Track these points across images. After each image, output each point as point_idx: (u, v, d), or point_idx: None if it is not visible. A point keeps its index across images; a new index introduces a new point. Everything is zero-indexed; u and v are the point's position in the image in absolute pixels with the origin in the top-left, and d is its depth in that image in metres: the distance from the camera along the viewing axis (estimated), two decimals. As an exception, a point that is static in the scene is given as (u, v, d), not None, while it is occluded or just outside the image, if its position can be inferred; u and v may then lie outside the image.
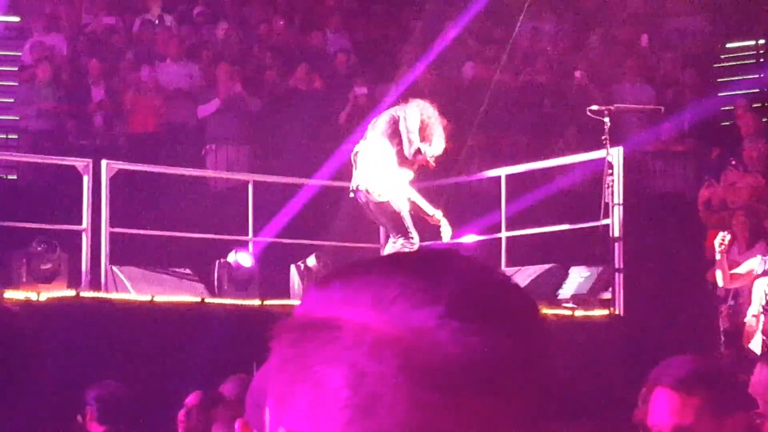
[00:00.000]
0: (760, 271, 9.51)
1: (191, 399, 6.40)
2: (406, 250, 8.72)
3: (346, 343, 0.96)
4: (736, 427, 2.71)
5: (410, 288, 0.98)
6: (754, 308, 9.47)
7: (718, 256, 9.33)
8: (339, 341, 0.97)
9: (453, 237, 10.25)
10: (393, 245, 8.88)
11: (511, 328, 0.98)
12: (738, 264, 9.78)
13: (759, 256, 9.81)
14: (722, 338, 10.34)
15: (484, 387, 0.95)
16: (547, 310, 9.55)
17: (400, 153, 8.81)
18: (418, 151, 8.69)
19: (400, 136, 8.76)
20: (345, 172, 9.34)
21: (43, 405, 6.74)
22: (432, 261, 1.01)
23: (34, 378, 6.75)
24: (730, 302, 10.19)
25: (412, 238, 8.78)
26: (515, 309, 1.00)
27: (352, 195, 8.87)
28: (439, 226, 9.03)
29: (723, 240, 9.26)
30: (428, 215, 8.98)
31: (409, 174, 8.88)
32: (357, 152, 8.87)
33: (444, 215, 9.09)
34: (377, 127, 8.85)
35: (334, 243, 11.08)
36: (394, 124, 8.77)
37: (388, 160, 8.75)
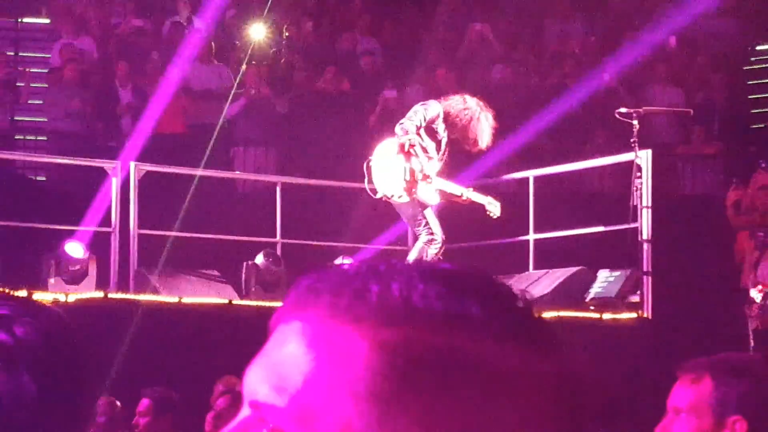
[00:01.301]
0: None
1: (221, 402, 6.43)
2: (430, 249, 8.75)
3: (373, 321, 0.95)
4: None
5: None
6: None
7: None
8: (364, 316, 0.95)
9: (479, 239, 10.24)
10: (418, 244, 8.92)
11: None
12: None
13: None
14: (752, 340, 10.28)
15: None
16: (574, 313, 9.53)
17: (424, 151, 8.85)
18: (406, 131, 8.70)
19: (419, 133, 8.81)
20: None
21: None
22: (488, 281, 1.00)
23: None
24: (761, 302, 10.13)
25: (433, 235, 8.81)
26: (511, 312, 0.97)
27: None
28: (478, 204, 9.05)
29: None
30: (456, 197, 9.00)
31: (433, 168, 8.89)
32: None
33: (471, 219, 9.08)
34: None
35: (361, 245, 11.07)
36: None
37: (396, 159, 8.78)
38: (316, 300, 0.97)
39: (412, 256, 8.95)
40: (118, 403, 6.73)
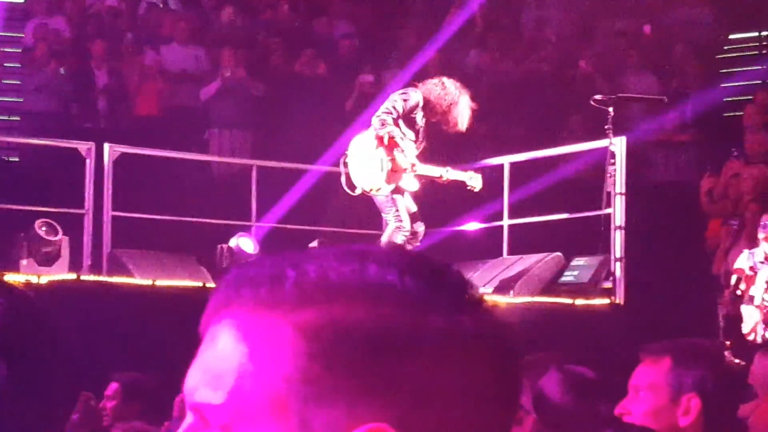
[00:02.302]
0: (747, 268, 9.57)
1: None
2: (398, 236, 8.79)
3: (296, 305, 0.98)
4: None
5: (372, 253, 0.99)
6: (758, 299, 9.50)
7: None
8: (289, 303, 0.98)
9: (454, 225, 10.28)
10: (387, 230, 8.96)
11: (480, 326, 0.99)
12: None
13: (746, 251, 9.87)
14: (722, 325, 10.36)
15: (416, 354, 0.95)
16: (547, 299, 9.57)
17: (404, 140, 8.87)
18: (383, 123, 8.73)
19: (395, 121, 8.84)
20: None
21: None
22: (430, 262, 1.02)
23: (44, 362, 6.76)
24: (732, 288, 10.21)
25: (401, 223, 8.84)
26: (483, 311, 1.01)
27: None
28: (459, 182, 9.11)
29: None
30: (437, 178, 9.05)
31: (413, 155, 8.91)
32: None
33: (446, 204, 9.11)
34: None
35: (337, 229, 11.08)
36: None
37: (375, 153, 8.80)
38: (238, 295, 0.99)
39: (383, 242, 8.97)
40: (92, 402, 6.70)
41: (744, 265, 9.75)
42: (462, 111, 8.90)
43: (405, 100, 8.84)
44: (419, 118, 8.90)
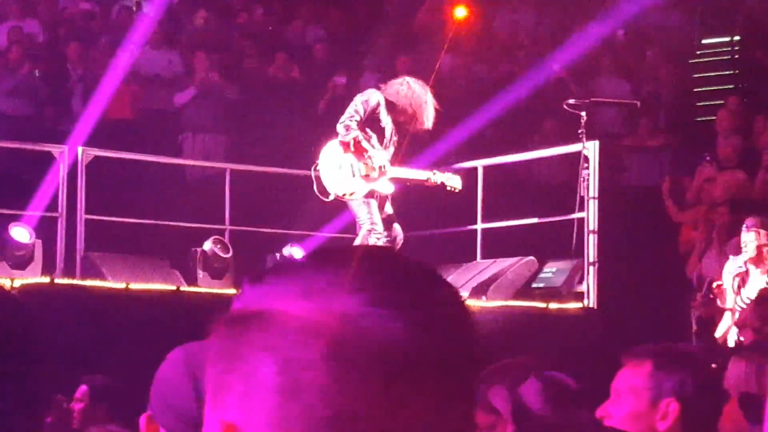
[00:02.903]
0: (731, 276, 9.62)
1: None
2: (370, 238, 8.83)
3: (275, 332, 1.00)
4: None
5: (339, 278, 1.02)
6: (729, 302, 9.56)
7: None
8: (268, 331, 1.01)
9: (427, 229, 10.29)
10: (361, 233, 8.99)
11: (434, 318, 1.02)
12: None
13: (731, 258, 9.91)
14: (695, 328, 10.41)
15: (406, 373, 0.99)
16: (521, 303, 9.60)
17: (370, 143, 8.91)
18: (348, 128, 8.78)
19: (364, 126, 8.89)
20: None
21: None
22: (362, 254, 1.06)
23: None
24: (705, 291, 10.26)
25: (374, 225, 8.87)
26: (440, 300, 1.04)
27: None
28: (442, 186, 9.17)
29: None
30: (424, 181, 9.11)
31: (384, 157, 8.94)
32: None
33: (418, 208, 9.15)
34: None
35: (310, 232, 11.08)
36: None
37: (344, 158, 8.85)
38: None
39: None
40: (65, 405, 6.70)
41: (730, 272, 9.75)
42: (429, 110, 8.96)
43: (365, 101, 8.91)
44: (384, 118, 8.95)
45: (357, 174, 8.86)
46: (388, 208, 9.08)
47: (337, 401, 0.98)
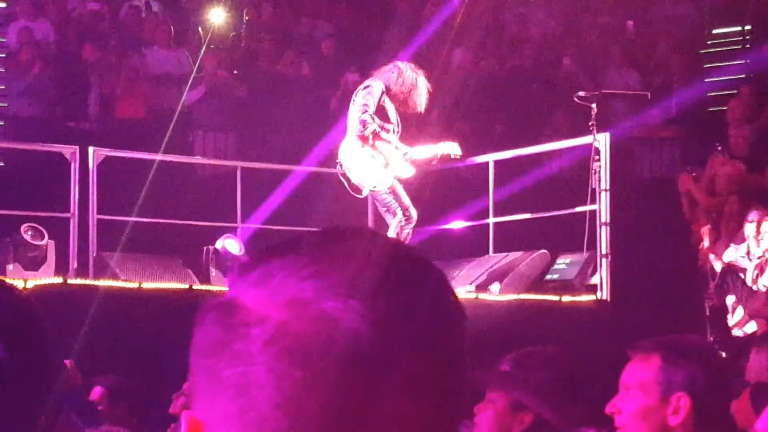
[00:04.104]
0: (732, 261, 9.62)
1: (188, 386, 6.45)
2: (406, 230, 8.85)
3: (230, 324, 0.97)
4: None
5: (297, 264, 0.97)
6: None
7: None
8: (226, 323, 0.97)
9: (439, 224, 10.30)
10: (393, 227, 9.01)
11: (397, 307, 0.96)
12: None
13: (732, 246, 9.91)
14: (708, 318, 10.39)
15: (354, 367, 0.93)
16: (534, 296, 9.59)
17: (386, 131, 8.94)
18: (364, 123, 8.79)
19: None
20: (333, 157, 9.38)
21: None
22: (335, 238, 1.01)
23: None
24: (717, 280, 10.25)
25: (407, 214, 8.90)
26: (411, 289, 0.97)
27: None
28: (448, 156, 9.20)
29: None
30: (431, 157, 9.13)
31: (396, 142, 8.98)
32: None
33: (431, 202, 9.15)
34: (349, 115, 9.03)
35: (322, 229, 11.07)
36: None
37: (364, 152, 8.86)
38: None
39: None
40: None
41: (730, 258, 9.79)
42: (422, 93, 8.98)
43: (369, 93, 8.93)
44: (388, 105, 8.99)
45: (380, 165, 8.90)
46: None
47: (279, 394, 0.93)
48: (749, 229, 9.94)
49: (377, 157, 8.91)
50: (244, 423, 0.94)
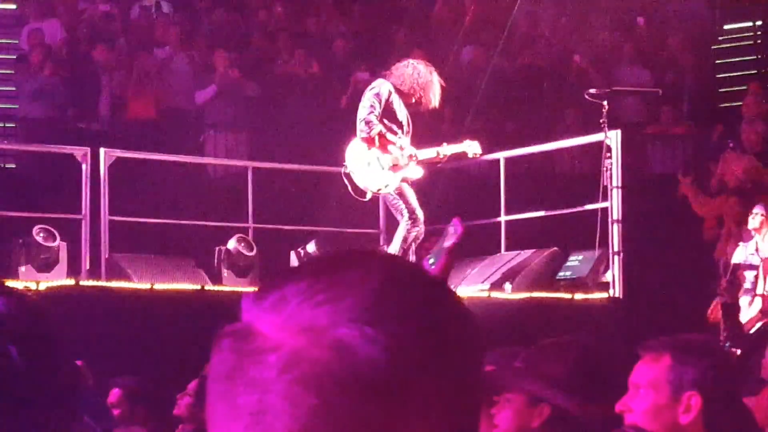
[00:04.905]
0: (743, 260, 9.59)
1: (192, 385, 6.43)
2: (413, 232, 8.85)
3: (245, 351, 0.95)
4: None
5: (311, 289, 0.96)
6: (760, 287, 9.55)
7: None
8: (241, 350, 0.96)
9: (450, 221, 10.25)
10: (400, 230, 9.02)
11: (415, 331, 0.95)
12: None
13: (741, 245, 9.89)
14: (721, 314, 10.36)
15: (369, 394, 0.93)
16: (546, 294, 9.57)
17: (393, 133, 8.95)
18: (370, 125, 8.81)
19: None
20: (344, 157, 9.37)
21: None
22: (349, 262, 0.99)
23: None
24: (729, 276, 10.22)
25: (413, 216, 8.91)
26: (423, 312, 0.97)
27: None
28: (456, 155, 9.21)
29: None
30: (435, 159, 9.15)
31: (406, 143, 8.98)
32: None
33: (441, 202, 9.14)
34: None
35: (334, 228, 11.08)
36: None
37: (370, 154, 8.88)
38: None
39: (396, 242, 8.99)
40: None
41: (740, 258, 9.76)
42: (435, 88, 9.01)
43: (377, 94, 8.96)
44: (397, 105, 8.99)
45: (386, 167, 8.90)
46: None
47: (294, 422, 0.92)
48: (753, 221, 9.90)
49: (383, 159, 8.91)
50: None
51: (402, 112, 9.04)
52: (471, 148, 9.39)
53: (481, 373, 1.00)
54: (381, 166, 8.91)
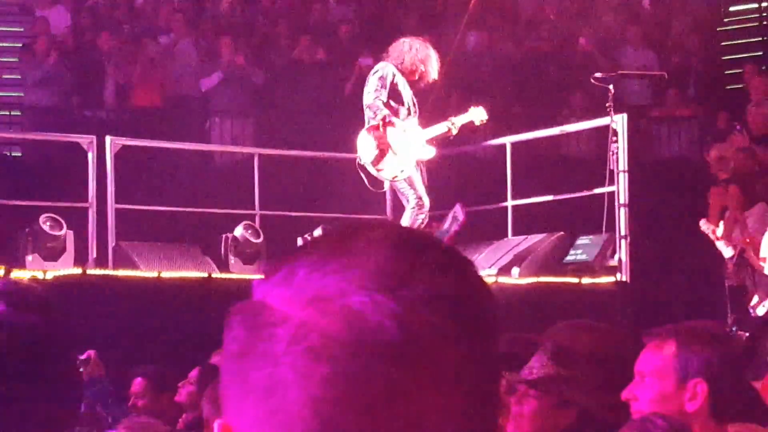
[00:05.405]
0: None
1: (194, 373, 6.42)
2: (419, 217, 8.87)
3: (254, 326, 0.95)
4: None
5: (320, 260, 0.95)
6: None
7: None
8: (251, 326, 0.95)
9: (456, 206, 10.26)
10: (407, 213, 9.04)
11: (426, 297, 0.94)
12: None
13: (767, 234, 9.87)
14: (728, 299, 10.35)
15: (379, 365, 0.91)
16: (553, 279, 9.57)
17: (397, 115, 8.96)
18: (374, 109, 8.83)
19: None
20: (350, 143, 9.37)
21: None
22: (356, 232, 0.98)
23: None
24: (735, 259, 10.20)
25: (420, 202, 8.92)
26: (435, 280, 0.95)
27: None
28: (471, 125, 9.22)
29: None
30: (447, 134, 9.17)
31: (413, 124, 9.00)
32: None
33: (448, 187, 9.14)
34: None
35: (340, 215, 11.07)
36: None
37: (371, 136, 8.90)
38: None
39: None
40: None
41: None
42: (433, 62, 9.13)
43: (381, 78, 8.97)
44: (402, 87, 8.99)
45: (398, 152, 8.91)
46: (424, 178, 9.15)
47: (305, 393, 0.91)
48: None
49: (395, 145, 8.91)
50: (274, 425, 0.93)
51: (407, 94, 9.05)
52: (477, 114, 9.42)
53: (497, 342, 0.98)
54: (393, 152, 8.91)
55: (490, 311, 0.98)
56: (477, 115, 9.43)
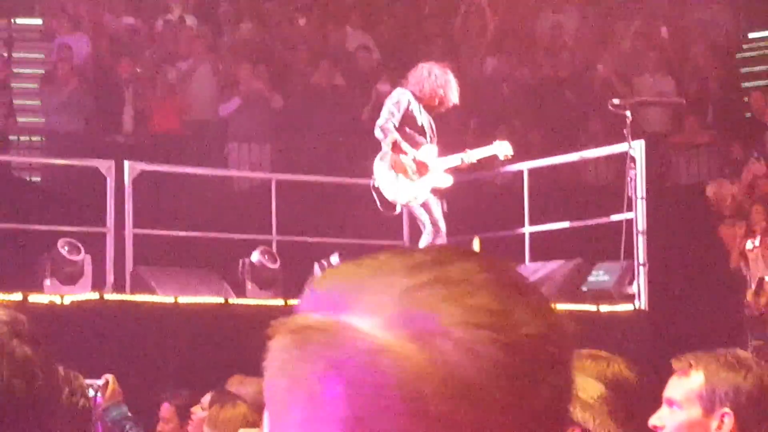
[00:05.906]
0: None
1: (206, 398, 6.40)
2: (437, 242, 8.87)
3: (343, 351, 0.90)
4: None
5: (414, 290, 0.92)
6: None
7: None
8: (335, 349, 0.91)
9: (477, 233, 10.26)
10: (424, 238, 9.03)
11: (524, 339, 0.91)
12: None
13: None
14: (748, 326, 10.29)
15: (478, 400, 0.89)
16: (571, 306, 9.53)
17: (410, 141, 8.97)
18: (385, 131, 8.84)
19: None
20: (367, 168, 9.38)
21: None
22: (440, 260, 0.94)
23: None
24: (756, 288, 10.16)
25: (436, 228, 8.93)
26: (523, 317, 0.92)
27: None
28: (493, 158, 9.22)
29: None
30: (458, 166, 9.16)
31: (431, 152, 8.99)
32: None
33: (466, 212, 9.12)
34: None
35: (357, 240, 11.07)
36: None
37: (387, 160, 8.91)
38: None
39: None
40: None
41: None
42: (453, 87, 9.14)
43: (396, 104, 8.99)
44: (418, 114, 9.00)
45: (414, 177, 8.91)
46: (443, 206, 9.15)
47: (407, 429, 0.88)
48: None
49: (410, 171, 8.90)
50: None
51: (425, 120, 9.05)
52: (502, 149, 9.39)
53: (572, 386, 0.95)
54: (410, 177, 8.92)
55: (569, 350, 0.96)
56: (502, 149, 9.40)
